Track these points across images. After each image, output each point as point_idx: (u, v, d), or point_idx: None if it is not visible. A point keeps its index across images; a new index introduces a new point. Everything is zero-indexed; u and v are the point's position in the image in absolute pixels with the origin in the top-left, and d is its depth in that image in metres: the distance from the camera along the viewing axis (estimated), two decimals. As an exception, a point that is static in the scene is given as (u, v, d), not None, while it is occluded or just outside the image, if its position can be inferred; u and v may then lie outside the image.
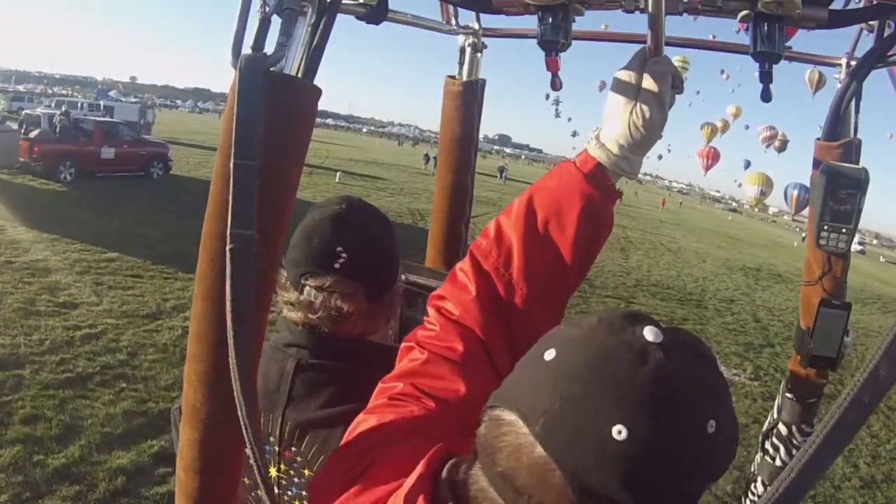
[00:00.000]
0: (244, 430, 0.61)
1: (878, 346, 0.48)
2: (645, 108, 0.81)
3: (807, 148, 1.11)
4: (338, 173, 22.03)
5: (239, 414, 0.62)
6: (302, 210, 1.03)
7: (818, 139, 1.06)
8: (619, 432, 0.45)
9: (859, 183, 1.00)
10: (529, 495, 0.47)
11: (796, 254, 29.03)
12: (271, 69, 0.72)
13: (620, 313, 0.53)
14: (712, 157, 50.19)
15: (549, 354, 0.51)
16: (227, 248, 0.66)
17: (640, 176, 0.93)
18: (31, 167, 13.60)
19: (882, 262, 47.00)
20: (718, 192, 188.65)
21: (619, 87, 0.84)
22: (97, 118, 16.78)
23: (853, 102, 1.02)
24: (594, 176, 0.81)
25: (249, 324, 0.66)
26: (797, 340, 1.16)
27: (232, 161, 0.66)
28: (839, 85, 1.03)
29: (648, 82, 0.83)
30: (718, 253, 23.05)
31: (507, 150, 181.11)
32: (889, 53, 0.96)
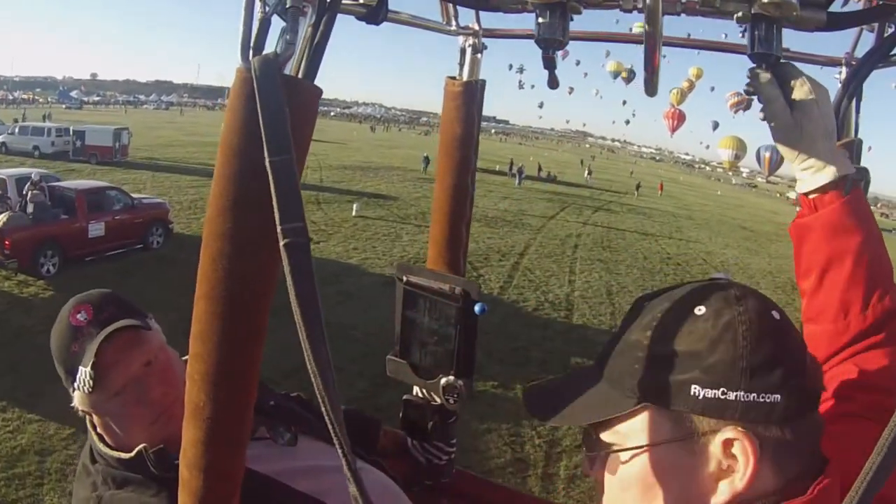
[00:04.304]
0: (331, 428, 0.60)
1: None
2: (801, 121, 0.86)
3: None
4: (354, 205, 18.72)
5: (324, 411, 0.60)
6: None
7: None
8: None
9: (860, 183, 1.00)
10: None
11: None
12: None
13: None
14: (678, 119, 50.84)
15: None
16: (281, 244, 0.65)
17: (609, 143, 0.94)
18: (3, 264, 10.15)
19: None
20: (688, 154, 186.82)
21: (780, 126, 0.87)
22: (80, 187, 12.40)
23: (854, 103, 1.02)
24: (851, 201, 0.87)
25: (319, 323, 0.63)
26: None
27: (267, 160, 0.67)
28: (839, 85, 1.03)
29: (778, 95, 0.87)
30: (758, 264, 20.86)
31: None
32: (890, 54, 0.96)
